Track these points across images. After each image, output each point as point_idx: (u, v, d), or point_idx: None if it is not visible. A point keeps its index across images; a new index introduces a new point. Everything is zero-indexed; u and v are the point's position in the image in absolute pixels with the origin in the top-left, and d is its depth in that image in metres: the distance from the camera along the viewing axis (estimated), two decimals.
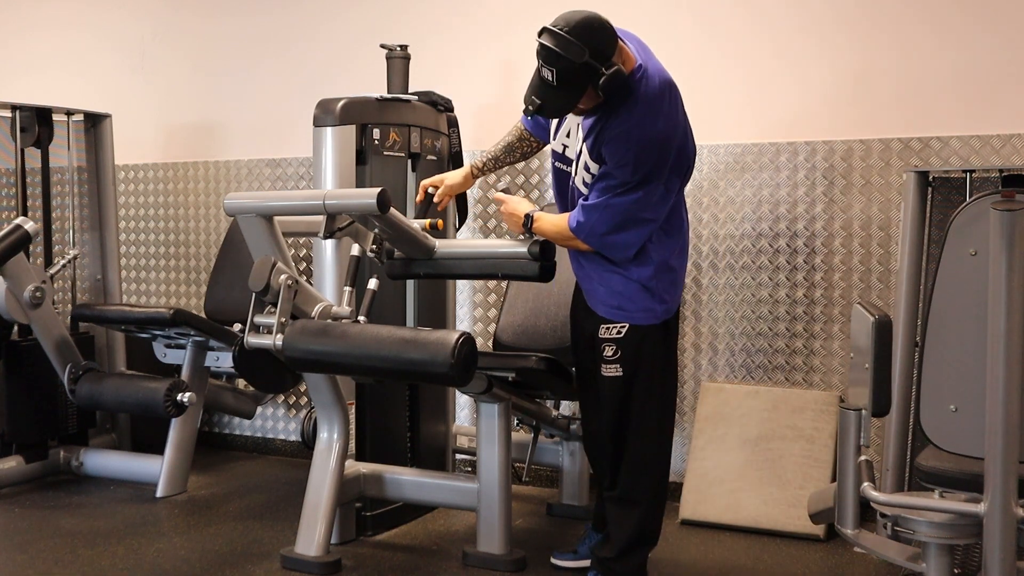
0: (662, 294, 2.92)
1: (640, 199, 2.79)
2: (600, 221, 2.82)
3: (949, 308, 2.17)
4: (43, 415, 4.37)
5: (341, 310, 3.06)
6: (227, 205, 3.06)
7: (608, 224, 2.82)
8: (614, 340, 2.93)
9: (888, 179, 3.76)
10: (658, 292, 2.91)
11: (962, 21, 3.68)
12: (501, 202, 3.06)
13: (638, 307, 2.91)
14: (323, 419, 3.45)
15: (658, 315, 2.93)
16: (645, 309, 2.91)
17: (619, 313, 2.92)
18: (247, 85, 4.97)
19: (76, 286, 4.73)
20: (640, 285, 2.90)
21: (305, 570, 3.29)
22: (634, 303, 2.91)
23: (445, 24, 4.50)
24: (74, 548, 3.55)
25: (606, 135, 2.77)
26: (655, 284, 2.90)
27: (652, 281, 2.90)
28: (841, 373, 3.84)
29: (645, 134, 2.73)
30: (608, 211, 2.80)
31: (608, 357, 2.94)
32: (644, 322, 2.92)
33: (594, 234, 2.85)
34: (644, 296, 2.91)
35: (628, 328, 2.91)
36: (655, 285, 2.91)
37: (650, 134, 2.73)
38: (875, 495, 2.28)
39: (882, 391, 2.25)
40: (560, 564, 3.33)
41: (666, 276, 2.93)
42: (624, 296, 2.91)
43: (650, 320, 2.92)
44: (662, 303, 2.93)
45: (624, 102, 2.73)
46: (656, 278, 2.90)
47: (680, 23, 4.07)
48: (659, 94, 2.76)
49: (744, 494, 3.74)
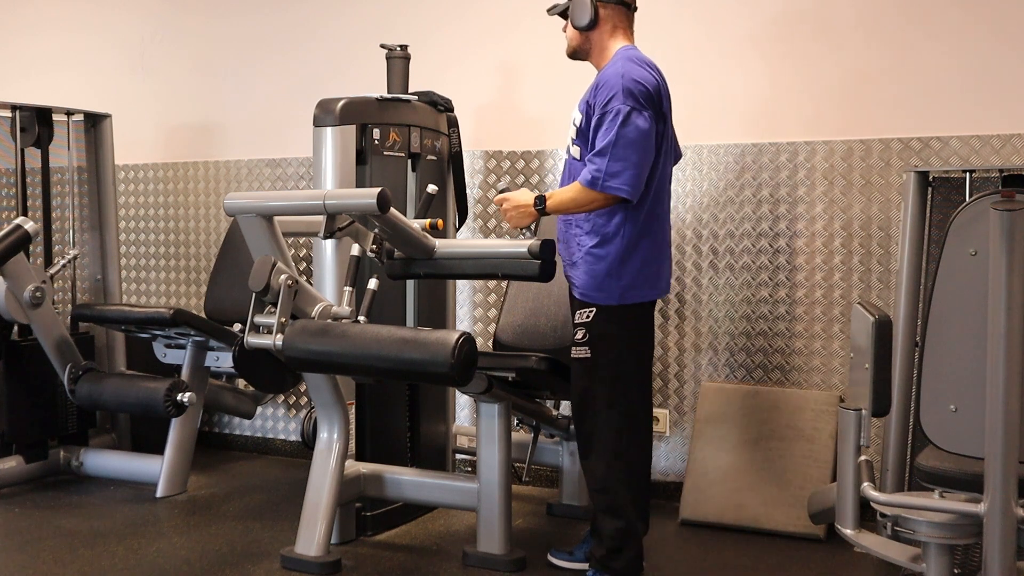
0: (628, 278, 3.01)
1: (640, 128, 2.91)
2: (612, 159, 2.91)
3: (949, 308, 2.17)
4: (43, 415, 4.37)
5: (341, 310, 3.06)
6: (227, 205, 3.06)
7: (618, 158, 2.90)
8: (583, 324, 3.05)
9: (888, 179, 3.76)
10: (624, 276, 3.01)
11: (962, 21, 3.68)
12: (503, 201, 3.09)
13: (603, 291, 3.02)
14: (323, 419, 3.45)
15: (616, 297, 3.01)
16: (608, 291, 3.02)
17: (589, 296, 3.05)
18: (247, 85, 4.98)
19: (76, 286, 4.73)
20: (607, 269, 3.01)
21: (305, 570, 3.29)
22: (600, 288, 3.02)
23: (445, 24, 4.50)
24: (74, 548, 3.55)
25: (598, 85, 3.01)
26: (620, 268, 3.00)
27: (617, 265, 3.00)
28: (841, 373, 3.84)
29: (629, 71, 2.97)
30: (615, 147, 2.90)
31: (578, 340, 3.06)
32: (605, 303, 3.02)
33: (611, 173, 2.91)
34: (609, 281, 3.01)
35: (595, 311, 3.03)
36: (619, 269, 3.00)
37: (633, 73, 2.97)
38: (875, 495, 2.28)
39: (882, 391, 2.26)
40: (555, 562, 3.35)
41: (633, 261, 3.01)
42: (593, 280, 3.03)
43: (610, 301, 3.01)
44: (624, 287, 3.01)
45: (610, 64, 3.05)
46: (623, 262, 3.00)
47: (680, 23, 4.06)
48: (643, 60, 3.05)
49: (744, 494, 3.74)
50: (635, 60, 3.03)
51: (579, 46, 3.16)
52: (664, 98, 3.05)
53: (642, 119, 2.92)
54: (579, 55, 3.19)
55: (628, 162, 2.90)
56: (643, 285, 3.05)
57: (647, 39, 3.21)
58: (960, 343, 2.16)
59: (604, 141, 2.92)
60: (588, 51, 3.16)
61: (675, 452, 4.10)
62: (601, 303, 3.03)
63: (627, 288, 3.02)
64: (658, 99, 3.00)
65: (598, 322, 3.03)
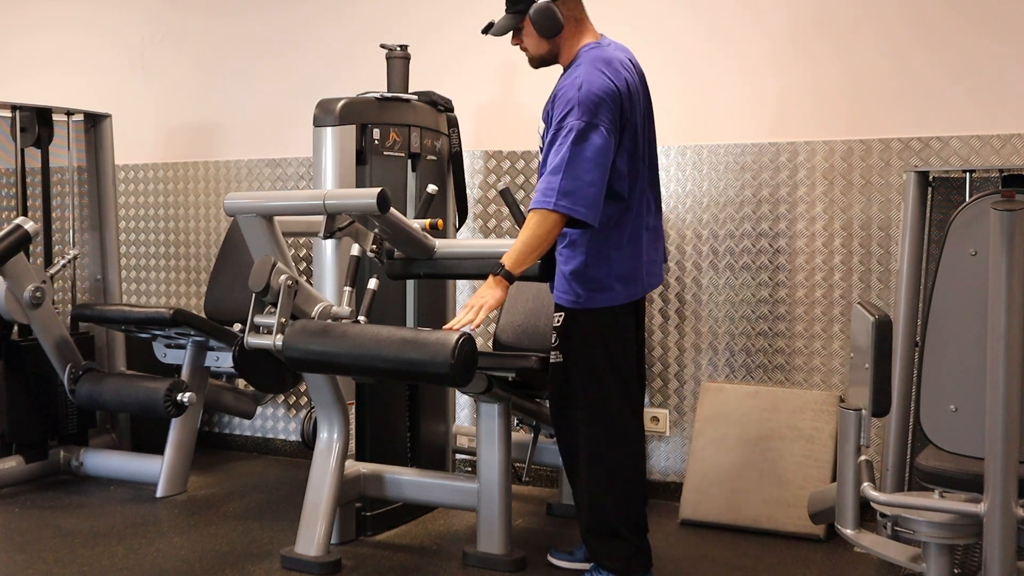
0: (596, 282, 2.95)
1: (596, 145, 2.79)
2: (565, 177, 2.78)
3: (949, 308, 2.17)
4: (43, 415, 4.37)
5: (341, 310, 3.06)
6: (227, 205, 3.06)
7: (572, 177, 2.78)
8: (556, 328, 3.04)
9: (888, 179, 3.76)
10: (592, 280, 2.95)
11: (962, 21, 3.68)
12: (468, 307, 2.85)
13: (569, 294, 2.98)
14: (323, 419, 3.45)
15: (583, 302, 2.96)
16: (575, 295, 2.97)
17: (559, 299, 3.02)
18: (247, 85, 4.98)
19: (76, 286, 4.73)
20: (573, 274, 2.96)
21: (305, 570, 3.29)
22: (569, 291, 2.98)
23: (445, 24, 4.50)
24: (74, 548, 3.55)
25: (556, 95, 2.92)
26: (586, 271, 2.95)
27: (585, 268, 2.95)
28: (841, 373, 3.84)
29: (588, 80, 2.85)
30: (568, 166, 2.78)
31: (552, 344, 3.05)
32: (572, 306, 2.98)
33: (564, 192, 2.78)
34: (576, 284, 2.96)
35: (565, 314, 3.01)
36: (586, 272, 2.95)
37: (593, 83, 2.84)
38: (875, 495, 2.28)
39: (882, 391, 2.26)
40: (555, 563, 3.34)
41: (600, 265, 2.95)
42: (563, 284, 2.99)
43: (577, 304, 2.97)
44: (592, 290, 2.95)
45: (571, 70, 2.95)
46: (590, 267, 2.94)
47: (681, 23, 4.07)
48: (606, 60, 2.91)
49: (744, 494, 3.74)
50: (597, 62, 2.90)
51: (547, 53, 3.04)
52: (632, 98, 2.92)
53: (598, 135, 2.80)
54: (547, 61, 3.07)
55: (582, 181, 2.78)
56: (612, 288, 2.97)
57: (647, 39, 3.22)
58: (960, 343, 2.16)
59: (557, 158, 2.80)
60: (556, 54, 3.04)
61: (675, 452, 4.10)
62: (568, 306, 2.99)
63: (596, 291, 2.95)
64: (619, 106, 2.87)
65: (567, 325, 3.00)
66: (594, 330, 2.99)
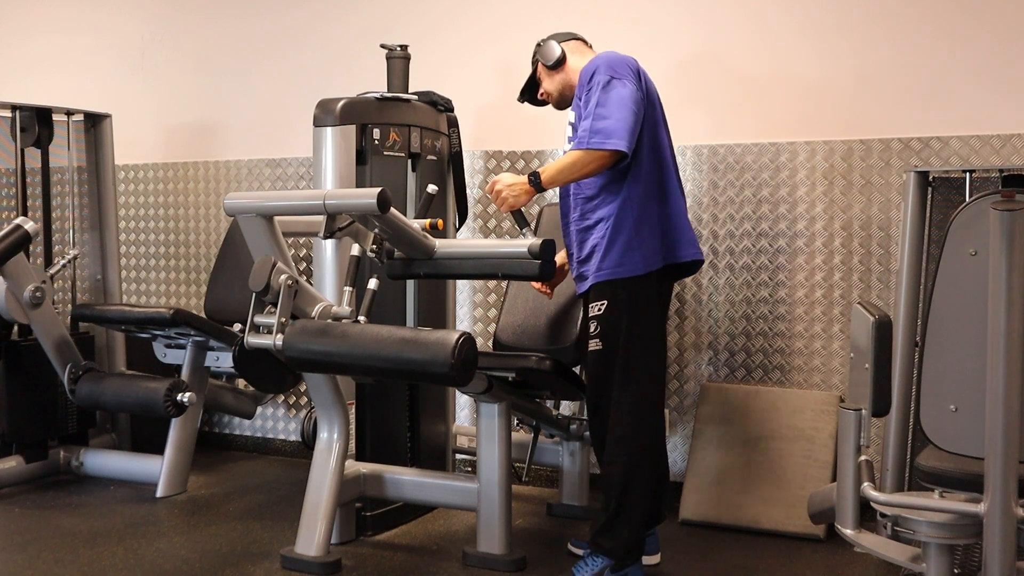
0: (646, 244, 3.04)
1: (624, 92, 2.95)
2: (596, 119, 2.94)
3: (949, 308, 2.17)
4: (43, 415, 4.37)
5: (341, 310, 3.06)
6: (227, 205, 3.06)
7: (605, 116, 2.93)
8: (595, 317, 3.06)
9: (888, 179, 3.76)
10: (643, 240, 3.03)
11: (962, 21, 3.68)
12: (495, 184, 3.07)
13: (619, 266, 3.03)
14: (323, 419, 3.45)
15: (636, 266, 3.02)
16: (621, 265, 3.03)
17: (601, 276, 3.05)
18: (247, 85, 4.98)
19: (76, 286, 4.73)
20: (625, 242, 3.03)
21: (305, 570, 3.29)
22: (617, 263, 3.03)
23: (445, 24, 4.50)
24: (74, 548, 3.55)
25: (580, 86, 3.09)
26: (641, 233, 3.03)
27: (636, 231, 3.02)
28: (841, 373, 3.84)
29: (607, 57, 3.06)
30: (600, 108, 2.94)
31: (592, 333, 3.08)
32: (629, 275, 3.02)
33: (597, 131, 2.93)
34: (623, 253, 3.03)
35: (607, 300, 3.04)
36: (641, 234, 3.03)
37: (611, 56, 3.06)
38: (875, 495, 2.28)
39: (882, 391, 2.26)
40: (576, 552, 3.40)
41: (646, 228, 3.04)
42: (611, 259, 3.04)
43: (631, 272, 3.02)
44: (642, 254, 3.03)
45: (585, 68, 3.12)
46: (640, 228, 3.03)
47: (681, 23, 4.06)
48: (618, 56, 3.07)
49: (744, 494, 3.74)
50: (609, 55, 3.09)
51: (562, 87, 3.26)
52: (650, 93, 3.08)
53: (623, 85, 2.96)
54: (566, 96, 3.25)
55: (614, 118, 2.93)
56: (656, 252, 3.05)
57: (647, 40, 3.22)
58: (960, 343, 2.16)
59: (590, 107, 2.98)
60: (571, 85, 3.21)
61: (675, 452, 4.10)
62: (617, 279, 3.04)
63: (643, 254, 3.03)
64: (640, 75, 3.04)
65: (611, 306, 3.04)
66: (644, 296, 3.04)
